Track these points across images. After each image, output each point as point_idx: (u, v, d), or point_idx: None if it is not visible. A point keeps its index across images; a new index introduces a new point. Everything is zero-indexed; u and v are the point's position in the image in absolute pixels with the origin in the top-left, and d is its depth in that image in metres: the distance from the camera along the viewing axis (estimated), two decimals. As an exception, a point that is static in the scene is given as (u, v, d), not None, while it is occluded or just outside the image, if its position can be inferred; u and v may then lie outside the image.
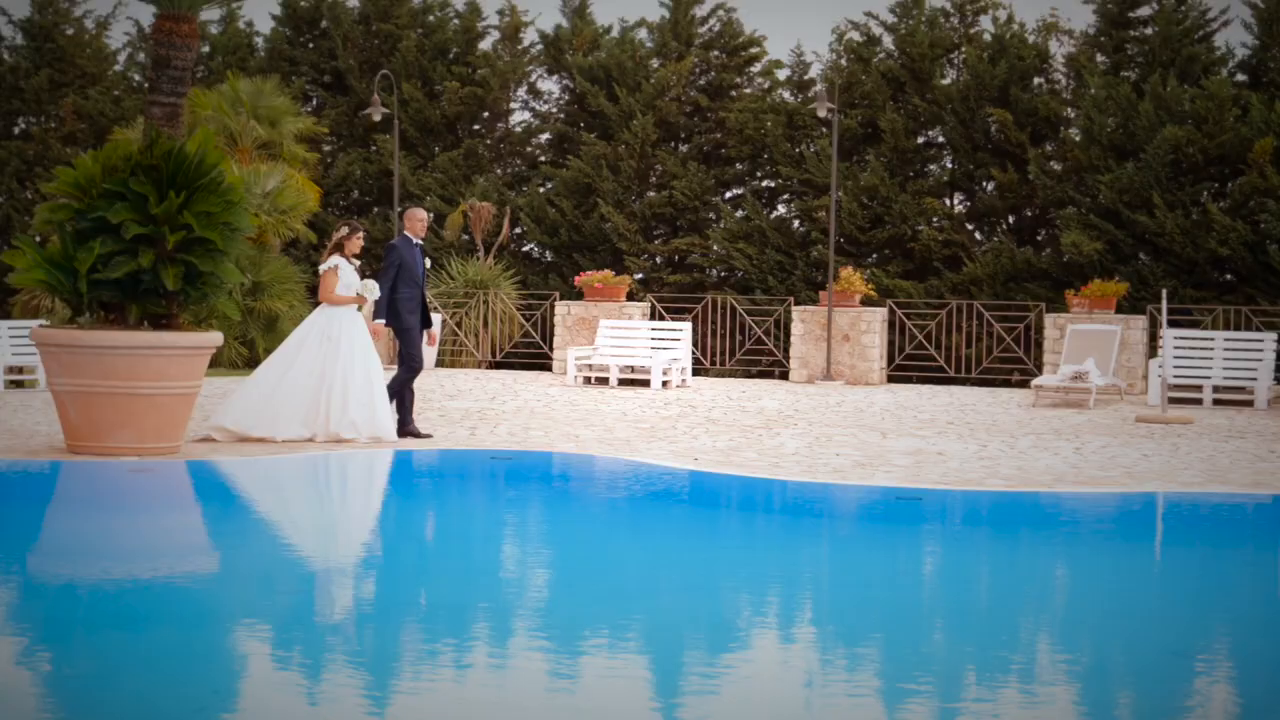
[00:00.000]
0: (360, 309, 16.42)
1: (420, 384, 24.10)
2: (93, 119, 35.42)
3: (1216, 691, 7.79)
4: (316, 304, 16.66)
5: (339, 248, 16.46)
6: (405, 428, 16.69)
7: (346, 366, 16.03)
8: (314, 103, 36.25)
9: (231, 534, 12.14)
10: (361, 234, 16.64)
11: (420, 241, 16.95)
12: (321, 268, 16.52)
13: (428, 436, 16.90)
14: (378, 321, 16.60)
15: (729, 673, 7.97)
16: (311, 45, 36.87)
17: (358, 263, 16.62)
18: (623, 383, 25.61)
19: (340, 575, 10.49)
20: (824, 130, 30.98)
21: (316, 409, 16.01)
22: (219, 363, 26.39)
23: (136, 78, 37.05)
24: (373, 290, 16.25)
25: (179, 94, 18.49)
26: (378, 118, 28.98)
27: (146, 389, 14.61)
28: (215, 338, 15.35)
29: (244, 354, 27.62)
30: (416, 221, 16.99)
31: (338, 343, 16.09)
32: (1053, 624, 9.37)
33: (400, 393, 16.71)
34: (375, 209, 35.61)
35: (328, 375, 16.03)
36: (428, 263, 17.08)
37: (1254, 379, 23.34)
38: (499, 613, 9.24)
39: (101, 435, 14.66)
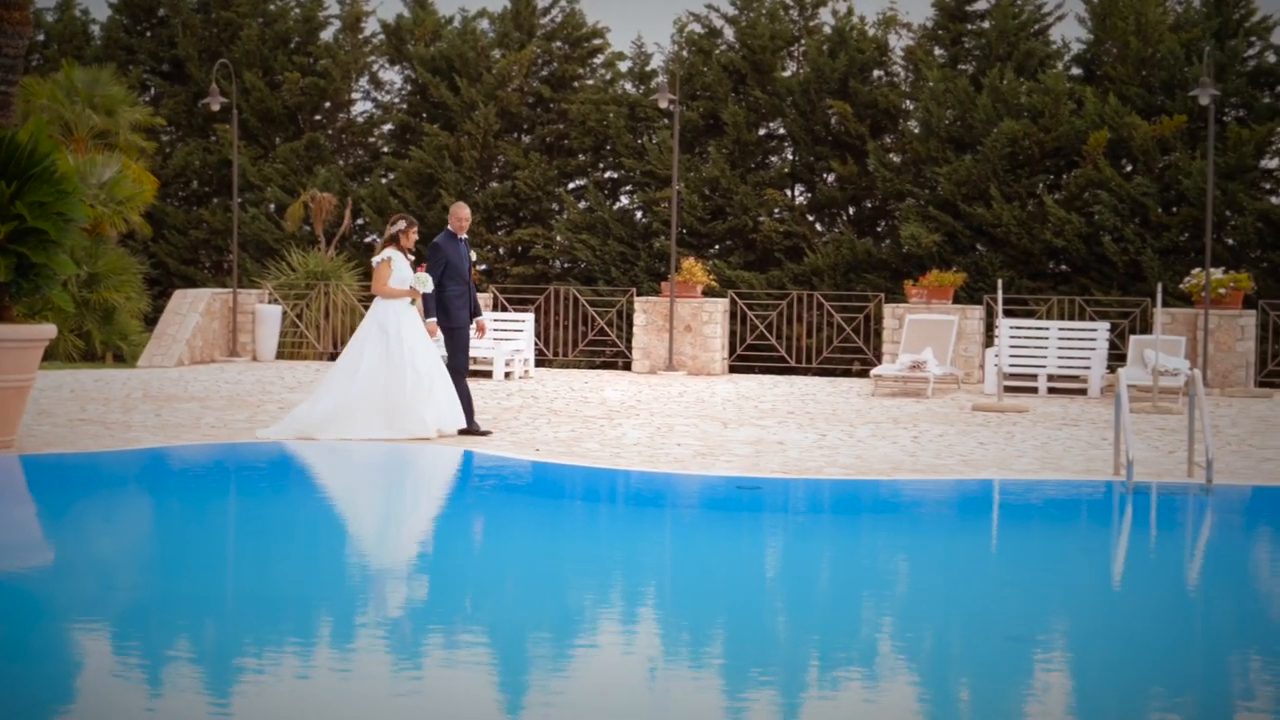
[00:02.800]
0: (414, 302, 16.34)
1: (260, 376, 23.93)
2: (-78, 107, 34.71)
3: (1051, 675, 7.92)
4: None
5: (394, 240, 16.41)
6: (465, 426, 16.61)
7: (408, 361, 15.99)
8: (152, 92, 35.79)
9: (63, 529, 11.96)
10: (416, 226, 16.59)
11: (465, 237, 16.85)
12: (376, 260, 16.48)
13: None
14: (430, 320, 16.47)
15: (565, 665, 7.98)
16: (149, 33, 36.40)
17: (411, 256, 16.58)
18: (466, 374, 25.54)
19: (157, 571, 10.34)
20: (666, 122, 31.10)
21: (390, 405, 15.98)
22: (54, 355, 25.98)
23: (-32, 65, 36.34)
24: (426, 283, 16.15)
25: (10, 82, 18.21)
26: (217, 107, 28.64)
27: (-22, 382, 14.36)
28: (48, 330, 15.10)
29: (79, 346, 27.23)
30: (460, 218, 16.87)
31: (399, 337, 16.09)
32: (889, 610, 9.47)
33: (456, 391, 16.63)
34: (215, 200, 35.23)
35: (393, 371, 16.00)
36: (474, 256, 16.95)
37: (1087, 368, 23.75)
38: (323, 606, 9.18)
39: (-69, 430, 14.40)
